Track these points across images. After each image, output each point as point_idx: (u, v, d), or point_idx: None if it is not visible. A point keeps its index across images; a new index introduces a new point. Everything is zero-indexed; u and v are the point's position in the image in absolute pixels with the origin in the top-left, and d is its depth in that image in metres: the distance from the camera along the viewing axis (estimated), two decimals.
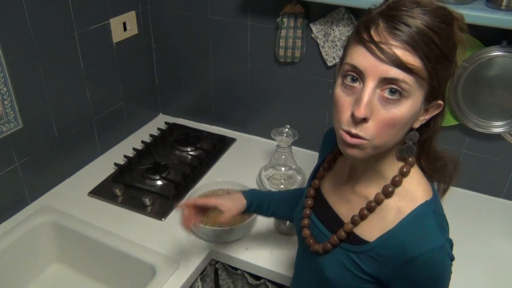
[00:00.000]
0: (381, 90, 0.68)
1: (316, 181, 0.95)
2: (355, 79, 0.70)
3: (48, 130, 1.44)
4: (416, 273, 0.75)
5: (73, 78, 1.48)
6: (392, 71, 0.66)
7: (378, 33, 0.67)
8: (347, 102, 0.71)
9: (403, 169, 0.80)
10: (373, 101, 0.69)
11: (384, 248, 0.78)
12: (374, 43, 0.67)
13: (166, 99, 1.96)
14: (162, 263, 1.23)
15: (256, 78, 1.72)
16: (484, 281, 1.24)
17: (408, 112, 0.70)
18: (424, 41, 0.66)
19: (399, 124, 0.71)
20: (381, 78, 0.67)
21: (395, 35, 0.66)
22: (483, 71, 1.34)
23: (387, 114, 0.69)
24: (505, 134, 1.42)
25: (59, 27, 1.38)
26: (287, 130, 1.53)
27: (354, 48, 0.70)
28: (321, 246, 0.87)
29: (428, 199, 0.79)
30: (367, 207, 0.81)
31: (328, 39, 1.50)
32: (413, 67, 0.66)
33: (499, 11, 1.18)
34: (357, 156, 0.73)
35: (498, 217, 1.48)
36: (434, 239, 0.75)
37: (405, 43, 0.66)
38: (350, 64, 0.70)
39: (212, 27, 1.68)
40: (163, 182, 1.56)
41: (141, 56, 1.79)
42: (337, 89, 0.73)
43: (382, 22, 0.68)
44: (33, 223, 1.36)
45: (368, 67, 0.68)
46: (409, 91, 0.68)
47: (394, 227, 0.78)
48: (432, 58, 0.67)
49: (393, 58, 0.66)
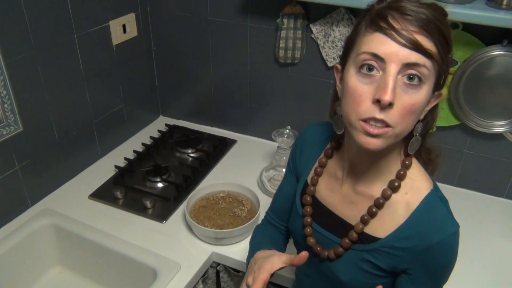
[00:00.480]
0: (402, 76, 0.69)
1: (311, 188, 0.93)
2: (371, 68, 0.70)
3: (48, 133, 1.43)
4: (434, 259, 0.78)
5: (73, 81, 1.48)
6: (414, 55, 0.67)
7: (396, 20, 0.68)
8: (366, 91, 0.70)
9: (406, 162, 0.81)
10: (396, 87, 0.69)
11: (399, 241, 0.80)
12: (394, 29, 0.68)
13: (166, 101, 1.96)
14: (163, 265, 1.22)
15: (256, 79, 1.71)
16: (486, 280, 1.24)
17: (425, 98, 0.71)
18: (435, 28, 0.68)
19: (419, 110, 0.72)
20: (403, 64, 0.68)
21: (411, 21, 0.68)
22: (484, 71, 1.33)
23: (410, 100, 0.70)
24: (506, 133, 1.42)
25: (58, 29, 1.37)
26: (287, 131, 1.52)
27: (371, 36, 0.70)
28: (332, 252, 0.87)
29: (431, 187, 0.81)
30: (375, 204, 0.82)
31: (328, 39, 1.49)
32: (431, 51, 0.68)
33: (500, 10, 1.17)
34: (378, 148, 0.72)
35: (500, 217, 1.47)
36: (449, 225, 0.78)
37: (421, 28, 0.67)
38: (368, 52, 0.70)
39: (212, 28, 1.67)
40: (164, 184, 1.56)
41: (141, 58, 1.78)
42: (351, 79, 0.72)
43: (394, 12, 0.69)
44: (33, 226, 1.35)
45: (390, 53, 0.68)
46: (427, 77, 0.69)
47: (406, 219, 0.79)
48: (442, 43, 0.69)
49: (415, 42, 0.67)
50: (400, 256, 0.80)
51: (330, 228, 0.90)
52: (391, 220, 0.81)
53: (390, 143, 0.73)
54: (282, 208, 1.05)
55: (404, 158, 0.82)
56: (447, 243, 0.78)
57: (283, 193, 1.04)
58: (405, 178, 0.81)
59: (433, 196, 0.80)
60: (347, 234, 0.85)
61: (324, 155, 0.93)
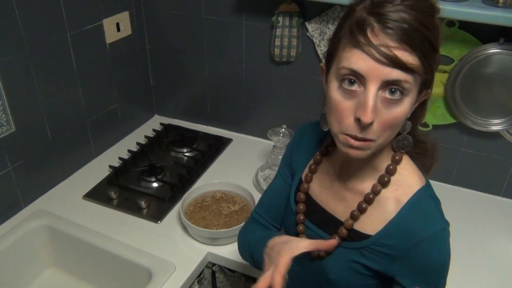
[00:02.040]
0: (382, 92, 0.68)
1: (305, 185, 0.93)
2: (352, 82, 0.69)
3: (41, 133, 1.42)
4: (423, 257, 0.77)
5: (66, 80, 1.47)
6: (394, 73, 0.66)
7: (375, 34, 0.66)
8: (348, 106, 0.70)
9: (396, 157, 0.81)
10: (376, 103, 0.68)
11: (388, 238, 0.79)
12: (372, 46, 0.66)
13: (161, 100, 1.95)
14: (158, 266, 1.21)
15: (251, 78, 1.70)
16: (483, 278, 1.23)
17: (408, 108, 0.71)
18: (418, 37, 0.66)
19: (401, 121, 0.72)
20: (383, 81, 0.67)
21: (391, 35, 0.65)
22: (480, 69, 1.33)
23: (390, 114, 0.69)
24: (503, 132, 1.41)
25: (51, 28, 1.36)
26: (283, 130, 1.52)
27: (351, 52, 0.68)
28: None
29: (423, 184, 0.81)
30: (365, 199, 0.82)
31: (323, 37, 1.48)
32: (413, 66, 0.66)
33: (496, 8, 1.16)
34: (360, 157, 0.74)
35: (497, 215, 1.47)
36: (437, 222, 0.78)
37: (402, 42, 0.65)
38: (348, 68, 0.68)
39: (207, 27, 1.66)
40: (159, 184, 1.55)
41: (135, 56, 1.77)
42: (333, 93, 0.72)
43: (375, 22, 0.66)
44: (27, 227, 1.34)
45: (369, 71, 0.66)
46: (409, 89, 0.68)
47: (395, 216, 0.79)
48: (426, 53, 0.67)
49: (394, 59, 0.65)
50: (388, 254, 0.79)
51: (321, 226, 0.89)
52: (381, 216, 0.80)
53: (373, 151, 0.74)
54: (274, 205, 1.02)
55: (394, 154, 0.82)
56: (435, 239, 0.76)
57: (275, 190, 1.02)
58: (395, 174, 0.81)
59: (423, 193, 0.79)
60: (337, 231, 0.85)
61: (319, 153, 0.92)
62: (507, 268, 1.28)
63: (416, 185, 0.80)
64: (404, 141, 0.79)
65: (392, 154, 0.82)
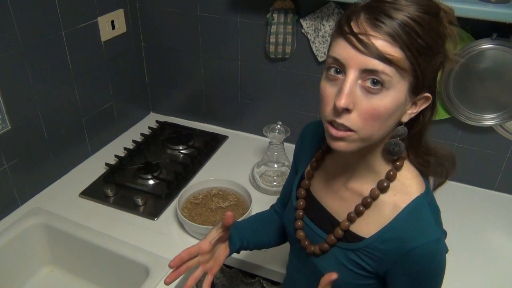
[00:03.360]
0: (362, 81, 0.68)
1: (306, 181, 0.93)
2: (338, 71, 0.70)
3: (37, 131, 1.42)
4: (413, 265, 0.76)
5: (61, 78, 1.46)
6: (372, 62, 0.66)
7: (358, 24, 0.67)
8: (331, 93, 0.71)
9: (397, 163, 0.80)
10: (356, 92, 0.69)
11: (381, 242, 0.78)
12: (353, 34, 0.67)
13: (156, 98, 1.95)
14: (155, 263, 1.21)
15: (247, 75, 1.71)
16: (478, 272, 1.25)
17: (391, 104, 0.69)
18: (405, 31, 0.66)
19: (383, 115, 0.70)
20: (361, 70, 0.67)
21: (376, 25, 0.66)
22: (474, 64, 1.34)
23: (370, 105, 0.69)
24: (496, 126, 1.42)
25: (46, 26, 1.36)
26: (279, 126, 1.52)
27: (336, 41, 0.71)
28: (318, 247, 0.87)
29: (422, 191, 0.79)
30: (362, 203, 0.81)
31: (318, 34, 1.49)
32: (392, 57, 0.66)
33: (489, 4, 1.17)
34: (344, 150, 0.73)
35: (491, 209, 1.48)
36: (431, 231, 0.76)
37: (385, 34, 0.66)
38: (331, 56, 0.71)
39: (202, 24, 1.66)
40: (155, 181, 1.55)
41: (131, 54, 1.77)
42: (322, 81, 0.74)
43: (364, 14, 0.68)
44: (24, 225, 1.34)
45: (349, 59, 0.68)
46: (390, 82, 0.68)
47: (391, 221, 0.78)
48: (413, 48, 0.66)
49: (372, 49, 0.66)
50: (381, 258, 0.79)
51: (319, 223, 0.90)
52: (377, 221, 0.80)
53: (359, 146, 0.73)
54: (285, 197, 1.07)
55: (395, 159, 0.80)
56: (427, 250, 0.75)
57: (287, 183, 1.07)
58: (395, 179, 0.80)
59: (421, 201, 0.78)
60: (333, 231, 0.85)
61: (320, 150, 0.93)
62: (501, 261, 1.29)
63: (415, 191, 0.79)
64: (395, 146, 0.76)
65: (394, 158, 0.80)
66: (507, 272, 1.26)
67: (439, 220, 0.80)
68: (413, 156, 0.82)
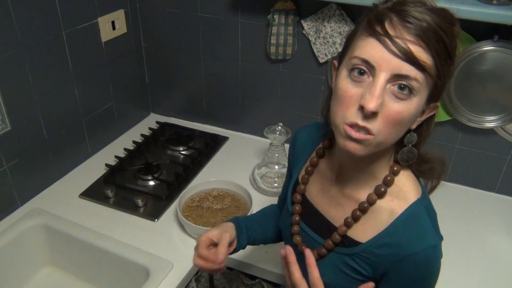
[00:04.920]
0: (392, 85, 0.67)
1: (301, 186, 0.93)
2: (362, 72, 0.68)
3: (37, 132, 1.42)
4: (409, 270, 0.76)
5: (62, 79, 1.46)
6: (405, 67, 0.65)
7: (393, 26, 0.66)
8: (354, 94, 0.69)
9: (394, 168, 0.80)
10: (383, 95, 0.67)
11: (378, 247, 0.78)
12: (388, 36, 0.65)
13: (157, 98, 1.95)
14: (155, 264, 1.21)
15: (247, 76, 1.71)
16: (477, 275, 1.24)
17: (415, 110, 0.69)
18: (435, 37, 0.65)
19: (405, 121, 0.70)
20: (393, 74, 0.66)
21: (409, 29, 0.65)
22: (475, 66, 1.33)
23: (396, 110, 0.67)
24: (497, 128, 1.42)
25: (46, 26, 1.35)
26: (280, 128, 1.52)
27: (365, 41, 0.68)
28: (316, 252, 0.87)
29: (419, 196, 0.79)
30: (359, 208, 0.81)
31: (319, 35, 1.49)
32: (425, 64, 0.65)
33: (490, 5, 1.17)
34: (358, 153, 0.71)
35: (492, 212, 1.48)
36: (429, 238, 0.76)
37: (419, 38, 0.65)
38: (360, 57, 0.68)
39: (202, 25, 1.66)
40: (156, 182, 1.55)
41: (131, 55, 1.77)
42: (341, 81, 0.71)
43: (395, 16, 0.66)
44: (23, 226, 1.33)
45: (381, 61, 0.66)
46: (419, 89, 0.67)
47: (388, 226, 0.78)
48: (441, 56, 0.66)
49: (408, 53, 0.64)
50: (377, 263, 0.79)
51: (315, 229, 0.89)
52: (374, 226, 0.79)
53: (371, 151, 0.72)
54: (284, 197, 1.07)
55: (392, 165, 0.80)
56: (424, 256, 0.74)
57: (284, 186, 1.08)
58: (392, 185, 0.79)
59: (419, 206, 0.77)
60: (330, 236, 0.84)
61: (315, 154, 0.92)
62: (501, 263, 1.29)
63: (412, 197, 0.78)
64: (409, 153, 0.76)
65: (391, 164, 0.80)
66: (509, 274, 1.26)
67: (436, 225, 0.79)
68: (414, 164, 0.82)
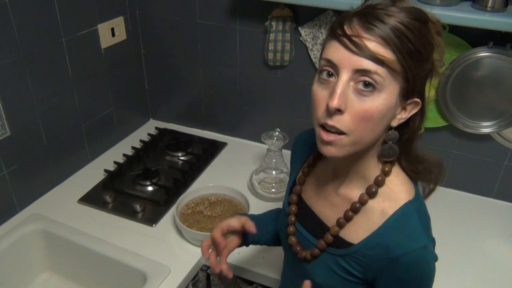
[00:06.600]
0: (355, 83, 0.70)
1: (297, 187, 0.94)
2: (330, 74, 0.72)
3: (36, 138, 1.42)
4: (400, 273, 0.76)
5: (61, 85, 1.47)
6: (364, 62, 0.68)
7: (351, 27, 0.69)
8: (323, 96, 0.72)
9: (385, 168, 0.81)
10: (348, 93, 0.70)
11: (369, 248, 0.79)
12: (346, 36, 0.69)
13: (156, 104, 1.96)
14: (153, 269, 1.22)
15: (245, 82, 1.72)
16: (474, 280, 1.24)
17: (383, 106, 0.71)
18: (396, 35, 0.68)
19: (375, 117, 0.71)
20: (354, 70, 0.69)
21: (369, 29, 0.68)
22: (470, 72, 1.34)
23: (362, 106, 0.70)
24: (494, 134, 1.43)
25: (46, 33, 1.37)
26: (277, 133, 1.53)
27: (329, 43, 0.72)
28: (309, 253, 0.87)
29: (410, 198, 0.79)
30: (351, 208, 0.82)
31: (316, 42, 1.50)
32: (384, 58, 0.67)
33: (485, 12, 1.18)
34: (335, 155, 0.74)
35: (489, 217, 1.48)
36: (418, 238, 0.76)
37: (378, 37, 0.68)
38: (324, 58, 0.72)
39: (201, 31, 1.67)
40: (154, 187, 1.55)
41: (130, 61, 1.78)
42: (313, 86, 0.75)
43: (356, 19, 0.70)
44: (22, 231, 1.34)
45: (341, 60, 0.69)
46: (382, 84, 0.69)
47: (378, 228, 0.78)
48: (404, 52, 0.68)
49: (365, 49, 0.67)
50: (368, 264, 0.79)
51: (310, 229, 0.90)
52: (366, 227, 0.80)
53: (350, 151, 0.74)
54: None
55: (383, 165, 0.81)
56: (414, 258, 0.75)
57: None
58: (383, 185, 0.80)
59: (409, 207, 0.78)
60: (323, 236, 0.85)
61: (312, 156, 0.94)
62: (499, 269, 1.29)
63: (403, 198, 0.79)
64: (389, 150, 0.78)
65: (382, 165, 0.81)
66: (506, 280, 1.26)
67: (427, 227, 0.80)
68: (405, 163, 0.83)
